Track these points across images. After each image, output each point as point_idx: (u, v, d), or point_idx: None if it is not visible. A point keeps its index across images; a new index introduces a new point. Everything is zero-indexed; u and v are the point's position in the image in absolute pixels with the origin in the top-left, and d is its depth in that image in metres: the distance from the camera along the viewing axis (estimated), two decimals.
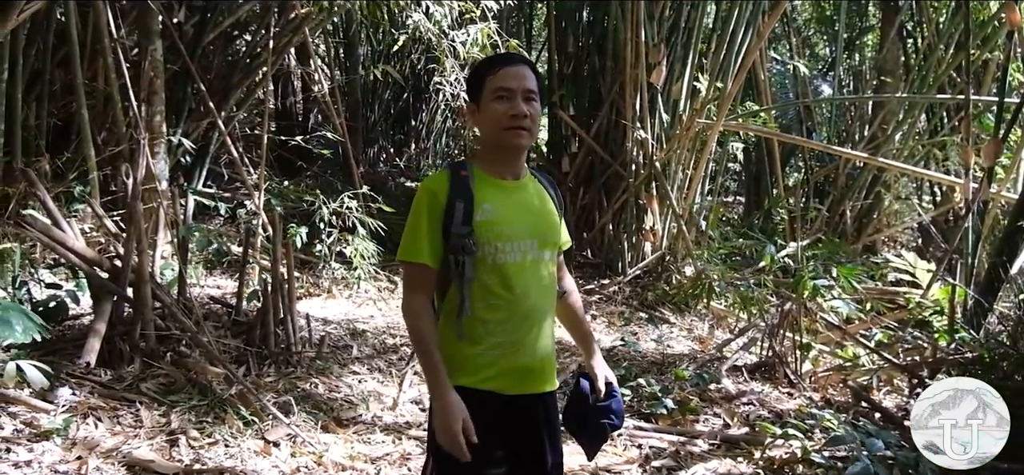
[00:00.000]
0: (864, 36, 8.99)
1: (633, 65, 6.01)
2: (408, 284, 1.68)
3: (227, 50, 6.37)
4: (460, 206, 1.60)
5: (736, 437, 3.31)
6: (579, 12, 7.13)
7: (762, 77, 7.01)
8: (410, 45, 7.33)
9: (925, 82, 6.63)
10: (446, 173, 1.66)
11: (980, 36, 6.43)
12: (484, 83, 1.65)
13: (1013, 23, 4.12)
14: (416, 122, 9.90)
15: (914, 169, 6.70)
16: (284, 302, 4.02)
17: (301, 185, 6.79)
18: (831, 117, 7.99)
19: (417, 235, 1.63)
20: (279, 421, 3.28)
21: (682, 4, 6.35)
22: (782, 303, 4.18)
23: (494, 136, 1.65)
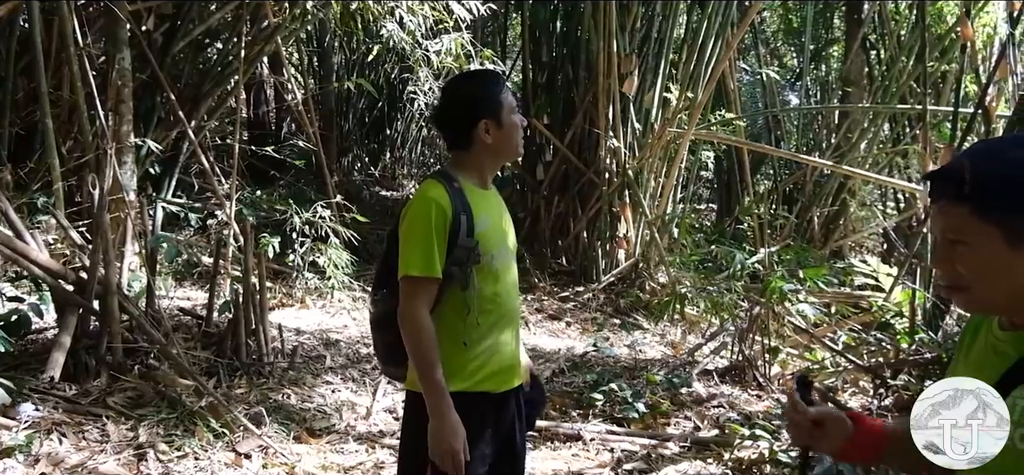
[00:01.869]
0: (830, 48, 9.22)
1: (606, 75, 6.09)
2: (416, 298, 1.66)
3: (198, 58, 6.31)
4: (464, 218, 1.66)
5: (706, 439, 3.37)
6: (553, 23, 7.21)
7: (732, 87, 7.15)
8: (384, 54, 7.36)
9: (888, 92, 6.82)
10: (441, 185, 1.69)
11: (938, 48, 6.64)
12: (503, 102, 1.74)
13: (966, 37, 4.28)
14: (391, 131, 9.90)
15: (877, 177, 6.88)
16: (256, 313, 3.98)
17: (274, 195, 6.74)
18: (799, 126, 8.17)
19: (429, 249, 1.64)
20: (251, 433, 3.25)
21: (654, 16, 6.46)
22: (751, 308, 4.26)
23: (514, 146, 1.77)
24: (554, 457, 3.30)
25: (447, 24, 5.44)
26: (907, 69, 6.59)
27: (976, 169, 1.00)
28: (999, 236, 0.99)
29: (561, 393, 4.04)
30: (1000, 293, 1.03)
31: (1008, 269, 1.00)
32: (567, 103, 6.93)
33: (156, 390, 3.40)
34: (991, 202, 0.99)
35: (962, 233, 1.02)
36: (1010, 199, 0.99)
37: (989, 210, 0.99)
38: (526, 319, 5.56)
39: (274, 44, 6.01)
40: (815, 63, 9.01)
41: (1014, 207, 0.98)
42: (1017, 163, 1.00)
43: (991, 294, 1.03)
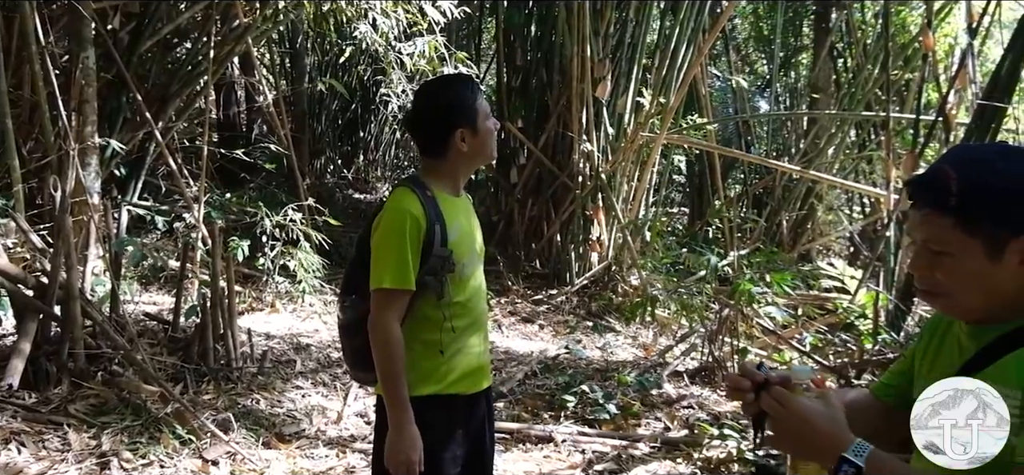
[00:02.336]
0: (799, 55, 9.39)
1: (579, 79, 6.13)
2: (389, 310, 1.66)
3: (166, 58, 6.19)
4: (437, 228, 1.67)
5: (676, 439, 3.41)
6: (527, 27, 7.23)
7: (703, 92, 7.24)
8: (357, 56, 7.31)
9: (854, 99, 6.98)
10: (414, 194, 1.69)
11: (902, 57, 6.81)
12: (478, 108, 1.73)
13: (927, 47, 4.40)
14: (365, 133, 9.83)
15: (843, 182, 7.02)
16: (224, 317, 3.93)
17: (244, 197, 6.64)
18: (768, 131, 8.31)
19: (403, 261, 1.64)
20: (218, 439, 3.20)
21: (626, 21, 6.52)
22: (721, 310, 4.32)
23: (487, 153, 1.78)
24: (526, 459, 3.31)
25: (421, 27, 5.42)
26: (872, 77, 6.75)
27: (963, 181, 1.01)
28: (981, 249, 1.02)
29: (533, 395, 4.05)
30: (980, 300, 1.06)
31: (987, 279, 1.03)
32: (541, 107, 6.96)
33: (120, 397, 3.33)
34: (976, 216, 1.01)
35: (946, 244, 1.04)
36: (994, 213, 1.01)
37: (973, 223, 1.01)
38: (499, 322, 5.56)
39: (245, 44, 5.93)
40: (784, 70, 9.16)
41: (997, 221, 1.01)
42: (1002, 176, 1.01)
43: (970, 301, 1.07)
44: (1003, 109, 3.96)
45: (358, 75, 7.74)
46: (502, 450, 3.42)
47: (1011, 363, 1.02)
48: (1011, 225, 1.00)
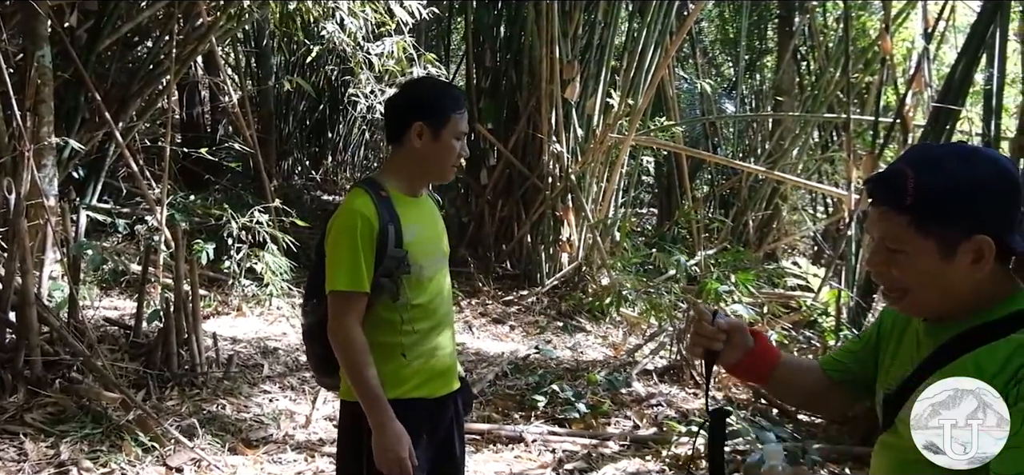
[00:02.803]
0: (763, 58, 9.58)
1: (548, 81, 6.16)
2: (346, 313, 1.64)
3: (126, 57, 6.04)
4: (392, 229, 1.65)
5: (645, 437, 3.44)
6: (496, 28, 7.24)
7: (671, 94, 7.33)
8: (325, 56, 7.23)
9: (816, 101, 7.14)
10: (367, 195, 1.66)
11: (862, 61, 6.99)
12: (449, 119, 1.70)
13: (885, 50, 4.52)
14: (333, 134, 9.73)
15: (807, 182, 7.18)
16: (188, 321, 3.85)
17: (209, 199, 6.52)
18: (735, 133, 8.45)
19: (356, 263, 1.62)
20: (182, 445, 3.14)
21: (595, 23, 6.57)
22: (689, 309, 4.38)
23: (440, 167, 1.74)
24: (496, 459, 3.31)
25: (389, 27, 5.39)
26: (834, 79, 6.92)
27: (918, 181, 1.03)
28: (934, 248, 1.04)
29: (503, 396, 4.06)
30: (934, 298, 1.09)
31: (941, 278, 1.05)
32: (511, 108, 6.97)
33: (79, 405, 3.25)
34: (929, 215, 1.03)
35: (901, 242, 1.06)
36: (947, 214, 1.03)
37: (927, 223, 1.03)
38: (470, 323, 5.56)
39: (208, 43, 5.82)
40: (750, 72, 9.34)
41: (950, 222, 1.02)
42: (955, 177, 1.03)
43: (926, 299, 1.09)
44: (957, 111, 4.10)
45: (326, 75, 7.65)
46: (472, 451, 3.41)
47: (969, 363, 1.04)
48: (962, 227, 1.02)
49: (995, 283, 1.06)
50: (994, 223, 1.03)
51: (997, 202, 1.03)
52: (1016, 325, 1.02)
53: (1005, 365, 1.00)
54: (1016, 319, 1.03)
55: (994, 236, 1.03)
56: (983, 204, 1.03)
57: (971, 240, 1.02)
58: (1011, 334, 1.02)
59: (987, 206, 1.03)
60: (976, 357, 1.04)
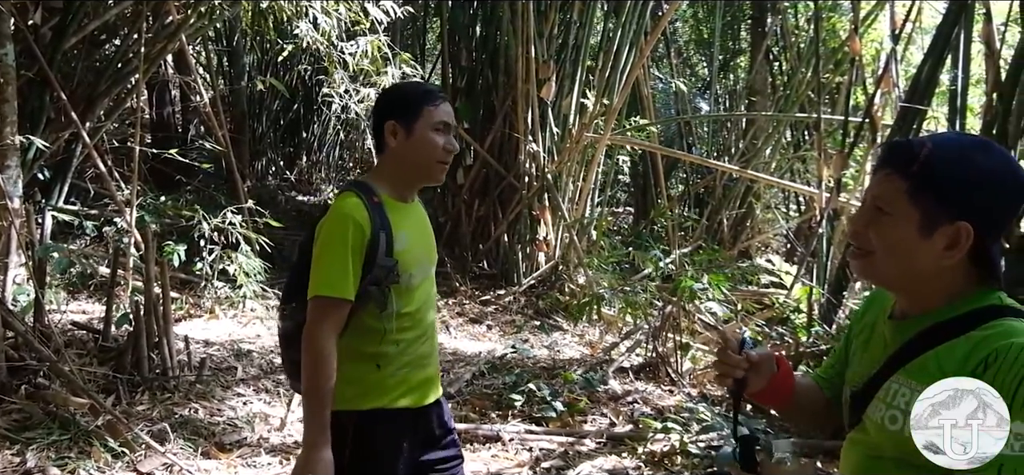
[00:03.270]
0: (737, 58, 9.70)
1: (524, 80, 6.16)
2: (325, 320, 1.57)
3: (93, 55, 5.91)
4: (383, 237, 1.59)
5: (621, 434, 3.46)
6: (472, 27, 7.23)
7: (646, 93, 7.39)
8: (299, 55, 7.15)
9: (788, 101, 7.25)
10: (359, 199, 1.61)
11: (832, 61, 7.11)
12: (421, 111, 1.65)
13: (854, 51, 4.60)
14: (307, 134, 9.62)
15: (779, 181, 7.29)
16: (159, 324, 3.78)
17: (180, 200, 6.41)
18: (709, 132, 8.54)
19: (344, 269, 1.56)
20: (154, 451, 3.09)
21: (570, 23, 6.59)
22: (664, 307, 4.41)
23: (424, 164, 1.66)
24: (473, 459, 3.30)
25: (363, 26, 5.35)
26: (805, 80, 7.03)
27: (932, 153, 1.04)
28: (917, 220, 1.04)
29: (481, 395, 4.05)
30: (896, 270, 1.09)
31: (912, 253, 1.06)
32: (487, 108, 6.97)
33: (46, 411, 3.17)
34: (927, 186, 1.04)
35: (890, 204, 1.06)
36: (942, 191, 1.03)
37: (921, 193, 1.04)
38: (447, 323, 5.54)
39: (178, 42, 5.72)
40: (723, 72, 9.45)
41: (942, 199, 1.03)
42: (965, 161, 1.04)
43: (888, 268, 1.09)
44: (924, 111, 4.19)
45: (299, 74, 7.57)
46: None
47: (930, 361, 1.05)
48: (951, 208, 1.03)
49: (962, 280, 1.07)
50: (982, 218, 1.03)
51: (994, 198, 1.04)
52: (975, 323, 1.03)
53: (963, 364, 1.01)
54: (976, 316, 1.04)
55: (976, 230, 1.03)
56: (979, 195, 1.03)
57: (953, 224, 1.02)
58: (970, 332, 1.03)
59: (983, 198, 1.03)
60: (937, 355, 1.05)
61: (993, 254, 1.05)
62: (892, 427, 1.07)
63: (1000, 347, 0.99)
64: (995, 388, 0.97)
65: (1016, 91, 3.30)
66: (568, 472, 3.13)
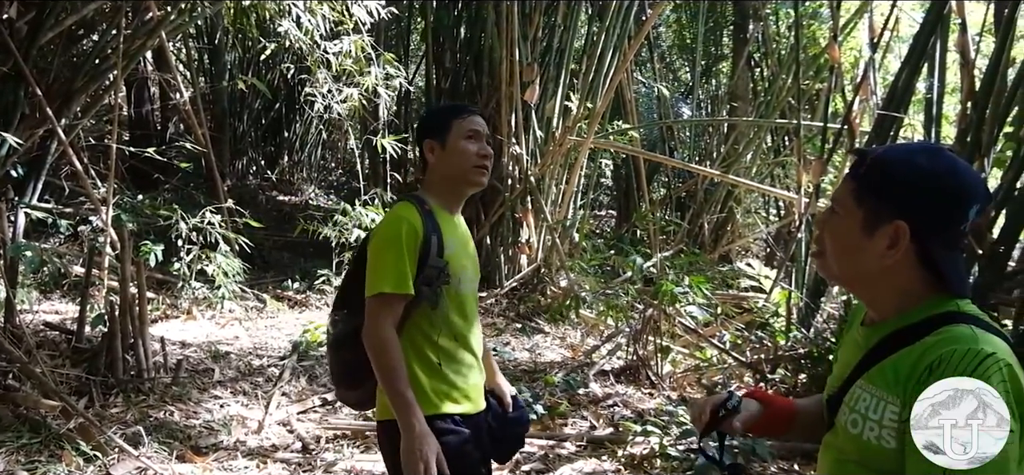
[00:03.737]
0: (719, 64, 9.79)
1: (508, 83, 6.16)
2: (384, 316, 1.65)
3: (70, 51, 5.81)
4: (435, 239, 1.69)
5: (601, 437, 3.47)
6: (456, 29, 7.22)
7: (629, 98, 7.43)
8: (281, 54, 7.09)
9: (769, 107, 7.32)
10: (413, 205, 1.73)
11: (812, 68, 7.20)
12: (451, 126, 1.77)
13: (833, 59, 4.66)
14: (289, 134, 9.53)
15: (759, 186, 7.36)
16: (135, 325, 3.73)
17: (158, 199, 6.32)
18: (691, 137, 8.61)
19: (401, 267, 1.65)
20: (127, 454, 3.03)
21: (555, 26, 6.61)
22: (645, 310, 4.43)
23: (461, 172, 1.77)
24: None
25: (347, 26, 5.32)
26: (786, 86, 7.11)
27: (878, 157, 1.09)
28: (861, 219, 1.08)
29: None
30: (844, 268, 1.13)
31: (857, 251, 1.09)
32: None
33: (16, 413, 3.11)
34: (869, 186, 1.08)
35: (840, 204, 1.11)
36: (881, 190, 1.07)
37: (865, 192, 1.08)
38: None
39: (158, 39, 5.64)
40: (706, 78, 9.53)
41: (881, 198, 1.07)
42: (905, 163, 1.08)
43: (839, 266, 1.13)
44: (900, 118, 4.25)
45: (282, 73, 7.49)
46: None
47: (888, 367, 1.07)
48: (890, 207, 1.06)
49: (917, 287, 1.08)
50: (919, 217, 1.05)
51: (931, 198, 1.05)
52: (929, 329, 1.05)
53: (912, 371, 1.03)
54: (930, 323, 1.05)
55: (916, 231, 1.05)
56: (917, 195, 1.05)
57: (892, 223, 1.05)
58: (924, 338, 1.04)
59: (920, 198, 1.05)
60: (894, 361, 1.07)
61: (940, 258, 1.06)
62: (853, 430, 1.09)
63: (945, 353, 1.00)
64: None
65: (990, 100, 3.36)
66: None
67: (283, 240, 7.19)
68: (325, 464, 3.20)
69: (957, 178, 1.05)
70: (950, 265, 1.07)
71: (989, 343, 1.01)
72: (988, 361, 0.98)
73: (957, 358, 0.99)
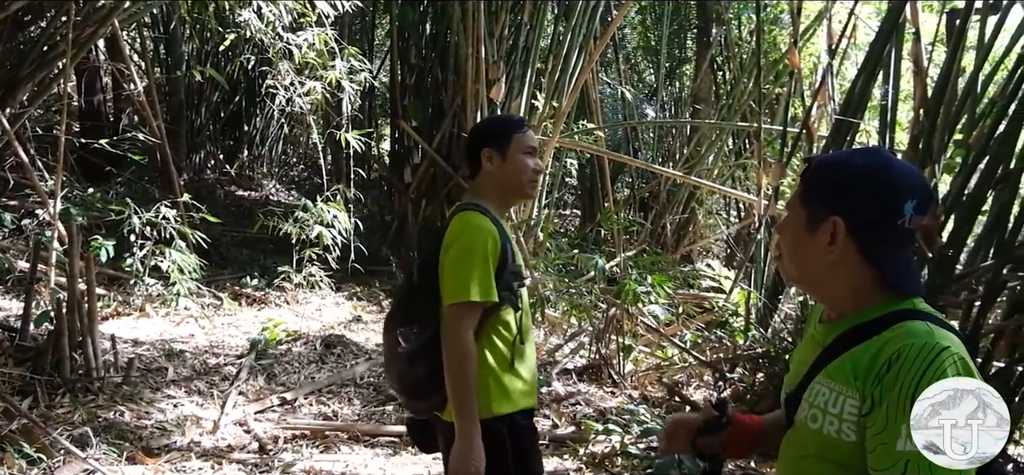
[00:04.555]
0: (683, 66, 9.92)
1: (474, 80, 6.13)
2: (467, 324, 1.72)
3: (16, 37, 5.56)
4: (508, 247, 1.79)
5: (563, 436, 3.47)
6: (422, 25, 7.15)
7: (594, 98, 7.46)
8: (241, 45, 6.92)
9: (731, 110, 7.44)
10: (484, 215, 1.80)
11: (773, 72, 7.35)
12: (512, 138, 1.87)
13: (793, 64, 4.76)
14: (249, 128, 9.31)
15: (720, 187, 7.48)
16: (83, 323, 3.59)
17: (110, 193, 6.11)
18: (655, 138, 8.69)
19: (487, 275, 1.73)
20: (73, 456, 2.92)
21: (521, 25, 6.60)
22: (608, 309, 4.46)
23: (518, 184, 1.87)
24: (415, 462, 3.26)
25: (310, 18, 5.22)
26: (747, 90, 7.23)
27: (821, 159, 1.16)
28: (805, 218, 1.12)
29: None
30: (795, 268, 1.18)
31: (803, 250, 1.14)
32: (436, 106, 6.90)
33: None
34: (809, 187, 1.14)
35: (791, 207, 1.17)
36: (817, 188, 1.13)
37: (808, 193, 1.14)
38: None
39: (111, 26, 5.45)
40: (670, 80, 9.64)
41: (818, 196, 1.12)
42: (846, 165, 1.13)
43: (791, 266, 1.18)
44: (856, 124, 4.36)
45: (242, 66, 7.31)
46: (391, 453, 3.35)
47: (845, 362, 1.09)
48: (825, 204, 1.11)
49: (867, 286, 1.11)
50: (851, 213, 1.09)
51: (863, 195, 1.09)
52: (885, 325, 1.08)
53: (870, 365, 1.05)
54: (886, 320, 1.08)
55: (852, 227, 1.08)
56: (850, 192, 1.10)
57: (831, 220, 1.09)
58: (881, 333, 1.07)
59: (852, 195, 1.09)
60: (851, 356, 1.09)
61: (879, 255, 1.10)
62: (813, 425, 1.11)
63: (903, 347, 1.03)
64: (897, 386, 1.01)
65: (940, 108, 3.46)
66: None
67: (242, 236, 7.03)
68: (283, 465, 3.14)
69: (890, 174, 1.10)
70: (893, 262, 1.10)
71: (944, 338, 1.04)
72: (944, 355, 1.01)
73: (915, 352, 1.02)
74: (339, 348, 4.73)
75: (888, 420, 1.01)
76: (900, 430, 1.00)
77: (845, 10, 4.45)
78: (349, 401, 3.96)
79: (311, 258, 5.43)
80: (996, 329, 2.95)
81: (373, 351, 4.73)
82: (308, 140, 9.20)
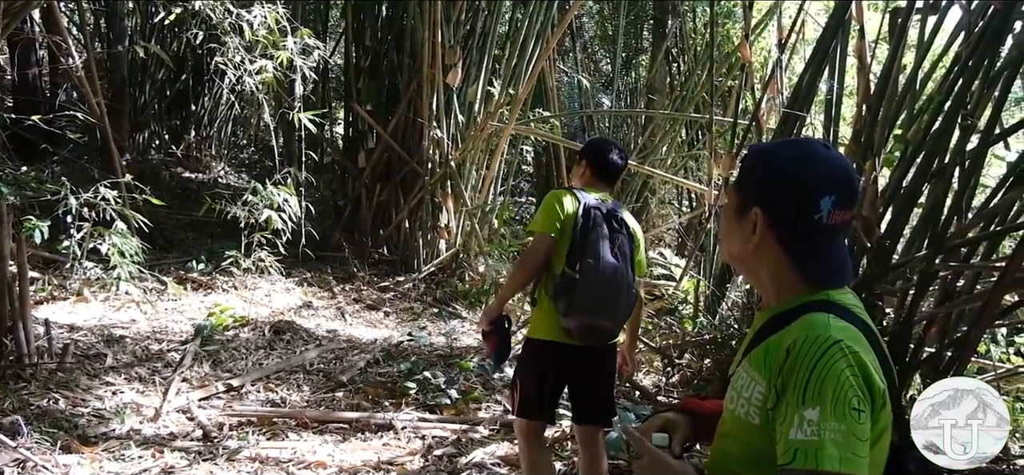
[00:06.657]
0: (639, 57, 10.02)
1: (430, 65, 6.06)
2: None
3: None
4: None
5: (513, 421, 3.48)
6: (378, 6, 7.02)
7: (551, 86, 7.47)
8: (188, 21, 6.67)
9: (685, 101, 7.56)
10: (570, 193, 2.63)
11: (726, 65, 7.49)
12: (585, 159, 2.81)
13: (745, 58, 4.86)
14: (197, 107, 9.00)
15: (673, 177, 7.61)
16: (14, 307, 3.43)
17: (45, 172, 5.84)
18: (610, 127, 8.77)
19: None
20: (2, 445, 2.79)
21: (478, 10, 6.55)
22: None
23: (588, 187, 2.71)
24: (365, 447, 3.23)
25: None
26: (701, 82, 7.36)
27: (751, 151, 1.20)
28: (735, 206, 1.17)
29: (375, 383, 3.97)
30: (727, 253, 1.23)
31: (731, 236, 1.18)
32: (391, 90, 6.80)
33: None
34: (740, 176, 1.19)
35: (728, 192, 1.22)
36: (743, 178, 1.18)
37: (738, 183, 1.18)
38: (343, 309, 5.39)
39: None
40: (626, 70, 9.73)
41: (743, 186, 1.17)
42: (769, 157, 1.17)
43: (726, 251, 1.23)
44: (803, 117, 4.48)
45: (189, 42, 7.04)
46: (340, 440, 3.31)
47: (762, 350, 1.12)
48: (748, 194, 1.15)
49: (787, 276, 1.13)
50: (770, 204, 1.11)
51: (781, 188, 1.11)
52: (795, 317, 1.09)
53: (777, 352, 1.08)
54: (796, 311, 1.10)
55: (771, 218, 1.11)
56: (770, 183, 1.12)
57: (752, 209, 1.13)
58: (791, 323, 1.09)
59: (772, 186, 1.12)
60: (766, 346, 1.12)
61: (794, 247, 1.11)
62: (730, 406, 1.15)
63: (797, 338, 1.05)
64: (793, 377, 1.03)
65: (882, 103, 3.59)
66: (460, 459, 3.12)
67: (188, 219, 6.81)
68: (228, 452, 3.07)
69: (808, 169, 1.10)
70: (809, 254, 1.11)
71: (839, 331, 1.04)
72: (833, 348, 1.02)
73: (808, 344, 1.03)
74: (289, 334, 4.64)
75: (787, 410, 1.02)
76: (793, 419, 1.00)
77: (795, 6, 4.56)
78: (298, 387, 3.89)
79: (260, 243, 5.30)
80: (928, 316, 3.08)
81: (324, 337, 4.66)
82: (259, 121, 8.95)
